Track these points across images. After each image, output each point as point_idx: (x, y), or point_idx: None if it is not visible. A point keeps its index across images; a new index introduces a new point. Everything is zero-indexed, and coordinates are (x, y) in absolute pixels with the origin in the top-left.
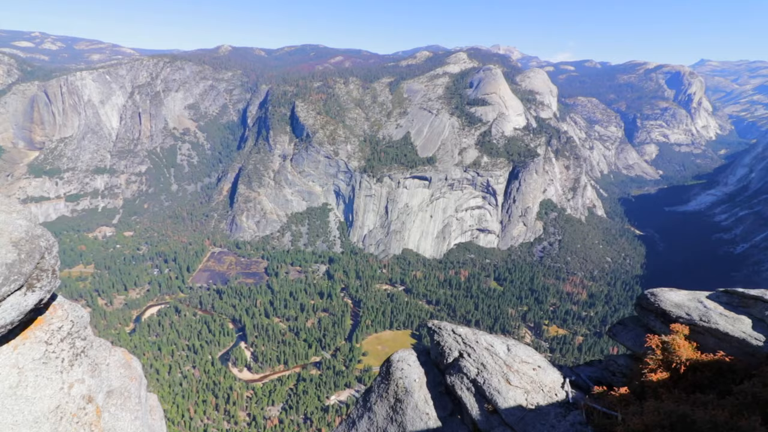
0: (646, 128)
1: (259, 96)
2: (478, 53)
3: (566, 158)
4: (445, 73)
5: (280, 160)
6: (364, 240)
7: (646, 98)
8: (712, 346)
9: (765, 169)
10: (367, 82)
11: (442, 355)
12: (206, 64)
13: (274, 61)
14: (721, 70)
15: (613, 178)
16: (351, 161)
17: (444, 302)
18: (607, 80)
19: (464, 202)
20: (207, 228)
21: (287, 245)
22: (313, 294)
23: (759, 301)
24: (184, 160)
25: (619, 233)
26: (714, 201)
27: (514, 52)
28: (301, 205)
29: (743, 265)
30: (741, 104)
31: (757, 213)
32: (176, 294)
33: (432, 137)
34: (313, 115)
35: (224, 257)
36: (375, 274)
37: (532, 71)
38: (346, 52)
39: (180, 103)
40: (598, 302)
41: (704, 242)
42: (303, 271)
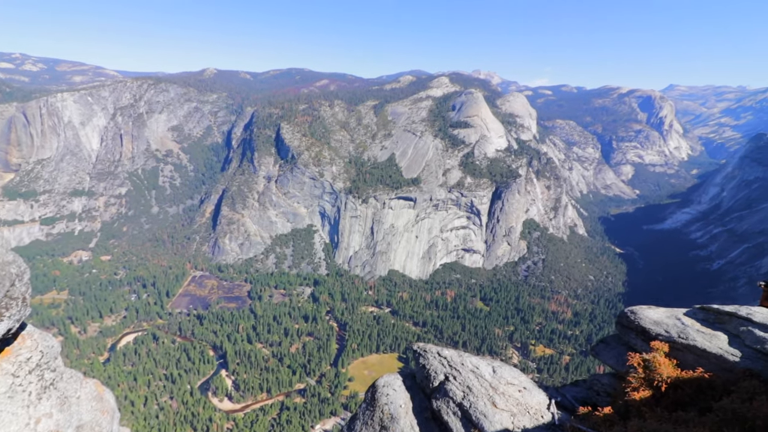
0: (621, 149)
1: (244, 118)
2: (459, 78)
3: (547, 179)
4: (428, 96)
5: (264, 182)
6: (349, 261)
7: (620, 121)
8: (691, 362)
9: (735, 188)
10: (352, 104)
11: (428, 379)
12: (191, 87)
13: (259, 84)
14: (690, 95)
15: (592, 198)
16: (336, 182)
17: (431, 324)
18: (583, 104)
19: (449, 222)
20: (188, 251)
21: (271, 268)
22: (298, 318)
23: (733, 317)
24: (167, 181)
25: (601, 251)
26: (689, 219)
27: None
28: (285, 227)
29: (720, 281)
30: (710, 126)
31: (730, 230)
32: (154, 320)
33: (416, 158)
34: (299, 136)
35: (206, 281)
36: (361, 296)
37: (512, 95)
38: (331, 76)
39: (163, 124)
40: (583, 320)
41: (682, 259)
42: (287, 294)
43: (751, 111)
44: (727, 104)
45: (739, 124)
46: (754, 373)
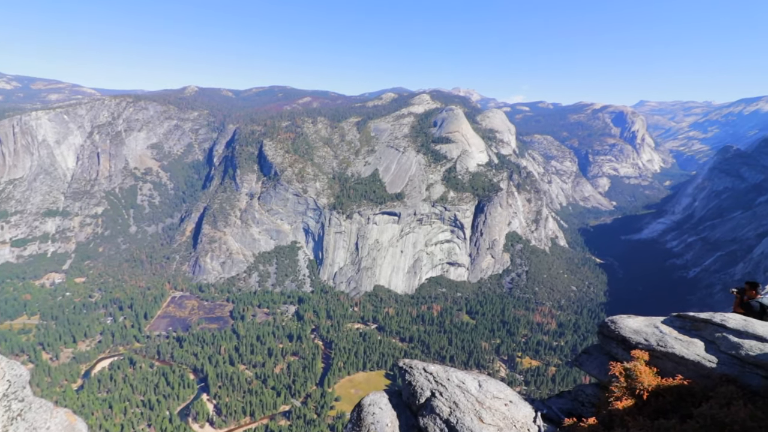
0: (597, 163)
1: (226, 135)
2: (440, 95)
3: (527, 192)
4: (410, 113)
5: (247, 199)
6: (334, 278)
7: (595, 135)
8: (670, 370)
9: (706, 198)
10: (335, 121)
11: (414, 396)
12: (171, 104)
13: (241, 101)
14: (659, 110)
15: (571, 210)
16: (320, 198)
17: (417, 339)
18: (559, 119)
19: (433, 236)
20: (168, 271)
21: (254, 286)
22: (282, 337)
23: (708, 324)
24: (145, 200)
25: (582, 262)
26: (664, 229)
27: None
28: (269, 244)
29: (696, 288)
30: (679, 140)
31: (704, 239)
32: (131, 344)
33: (400, 174)
34: (282, 153)
35: (186, 301)
36: (346, 312)
37: (491, 111)
38: (313, 93)
39: (142, 142)
40: (568, 331)
41: (659, 268)
42: (271, 312)
43: (717, 125)
44: (695, 118)
45: (706, 137)
46: (730, 378)
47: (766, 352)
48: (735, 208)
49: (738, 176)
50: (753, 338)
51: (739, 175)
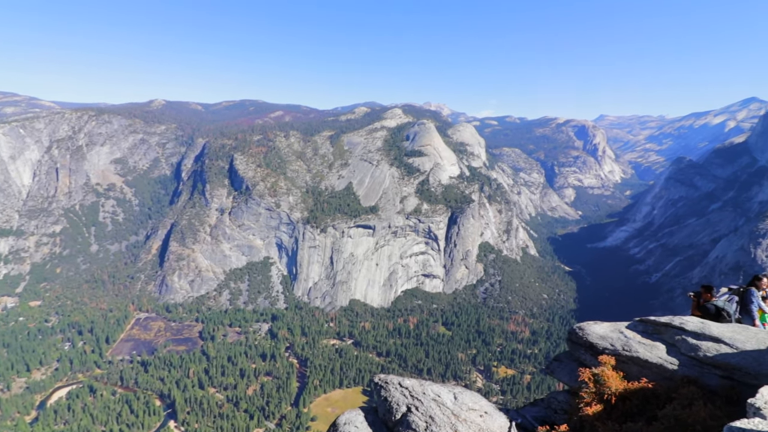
0: (563, 174)
1: (195, 149)
2: (412, 109)
3: (498, 203)
4: (383, 127)
5: (217, 214)
6: (309, 293)
7: (560, 148)
8: (636, 373)
9: (664, 206)
10: (307, 135)
11: (390, 412)
12: (137, 118)
13: (211, 115)
14: (618, 123)
15: (540, 220)
16: (293, 213)
17: (394, 352)
18: (526, 133)
19: (408, 248)
20: (132, 291)
21: (225, 304)
22: (255, 357)
23: (669, 327)
24: (108, 217)
25: (552, 270)
26: (627, 236)
27: (444, 109)
28: (240, 261)
29: (659, 292)
30: (637, 152)
31: (663, 245)
32: (92, 371)
33: (374, 187)
34: (253, 167)
35: (151, 323)
36: (322, 328)
37: (462, 125)
38: (286, 107)
39: (105, 157)
40: (541, 339)
41: (624, 274)
42: (243, 331)
43: (671, 137)
44: (650, 132)
45: (662, 149)
46: (691, 379)
47: (722, 352)
48: (690, 216)
49: (692, 185)
50: (709, 340)
51: (693, 185)
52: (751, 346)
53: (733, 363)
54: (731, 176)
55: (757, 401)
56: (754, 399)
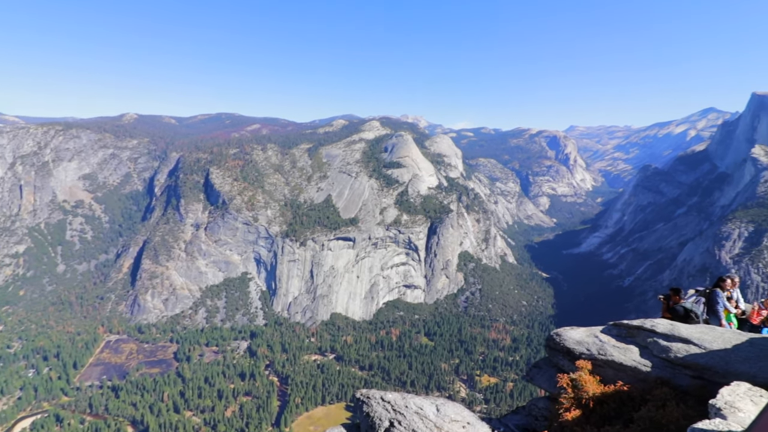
0: (537, 183)
1: (169, 164)
2: (389, 121)
3: (476, 212)
4: (361, 139)
5: (192, 230)
6: (289, 308)
7: (533, 158)
8: (611, 377)
9: (633, 212)
10: (285, 148)
11: (373, 428)
12: (107, 132)
13: (185, 129)
14: (587, 134)
15: (517, 228)
16: (272, 226)
17: (377, 366)
18: (500, 144)
19: (389, 259)
20: (101, 313)
21: (201, 323)
22: (233, 376)
23: (641, 330)
24: (76, 235)
25: (530, 277)
26: (600, 242)
27: (421, 121)
28: (217, 277)
29: (632, 296)
30: (606, 160)
31: (634, 250)
32: (58, 398)
33: (353, 198)
34: (230, 181)
35: (123, 346)
36: (303, 344)
37: (439, 137)
38: (263, 120)
39: (73, 173)
40: (522, 345)
41: (598, 279)
42: (220, 350)
43: (637, 146)
44: (618, 141)
45: (629, 157)
46: (664, 380)
47: (691, 353)
48: (658, 221)
49: (658, 192)
50: (679, 341)
51: (659, 191)
52: (718, 345)
53: (702, 363)
54: (694, 182)
55: (718, 402)
56: (715, 400)
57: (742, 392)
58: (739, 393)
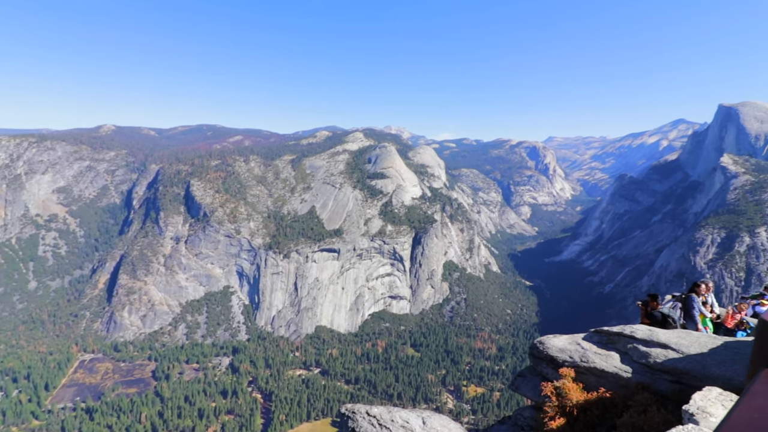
0: (518, 193)
1: (148, 176)
2: (373, 133)
3: (460, 222)
4: (345, 150)
5: (172, 243)
6: (272, 322)
7: (514, 168)
8: (594, 384)
9: (611, 220)
10: (268, 159)
11: None
12: (84, 144)
13: (165, 140)
14: (565, 144)
15: (500, 237)
16: (255, 239)
17: (364, 379)
18: (482, 154)
19: (374, 270)
20: (75, 331)
21: (181, 339)
22: (215, 394)
23: (621, 336)
24: (49, 251)
25: (514, 286)
26: (580, 250)
27: (404, 132)
28: (198, 291)
29: (612, 302)
30: (584, 170)
31: (613, 257)
32: (28, 422)
33: (337, 210)
34: (211, 193)
35: (98, 365)
36: (287, 359)
37: (422, 148)
38: (245, 132)
39: (47, 186)
40: (507, 354)
41: (580, 286)
42: (201, 368)
43: (612, 156)
44: (595, 151)
45: (605, 167)
46: (644, 385)
47: (669, 358)
48: (635, 228)
49: (634, 200)
50: (658, 346)
51: (635, 199)
52: (695, 350)
53: (680, 367)
54: (668, 190)
55: (691, 407)
56: (688, 405)
57: (714, 397)
58: (711, 398)
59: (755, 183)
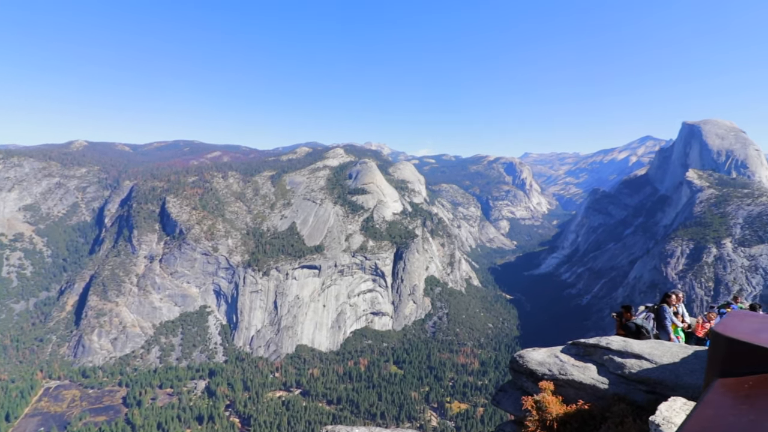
0: (497, 207)
1: (121, 193)
2: (353, 149)
3: (441, 237)
4: (326, 166)
5: (146, 262)
6: (251, 342)
7: (492, 183)
8: (573, 396)
9: (586, 233)
10: (247, 175)
11: None
12: (53, 160)
13: (140, 156)
14: (540, 160)
15: (480, 251)
16: (233, 256)
17: (346, 399)
18: (461, 170)
19: (356, 286)
20: (40, 357)
21: (154, 363)
22: (190, 420)
23: (597, 348)
24: (13, 272)
25: (494, 299)
26: (558, 262)
27: (384, 148)
28: (172, 312)
29: (590, 313)
30: (559, 185)
31: (590, 269)
32: None
33: (318, 226)
34: (188, 210)
35: (64, 392)
36: (266, 380)
37: (402, 164)
38: (224, 148)
39: (13, 204)
40: (490, 369)
41: (559, 298)
42: (176, 392)
43: (586, 171)
44: (569, 167)
45: (579, 182)
46: (621, 396)
47: (644, 368)
48: (609, 241)
49: (607, 213)
50: (632, 357)
51: (608, 213)
52: (668, 359)
53: (654, 377)
54: (639, 204)
55: (657, 418)
56: (654, 416)
57: (678, 407)
58: (676, 408)
59: (719, 196)
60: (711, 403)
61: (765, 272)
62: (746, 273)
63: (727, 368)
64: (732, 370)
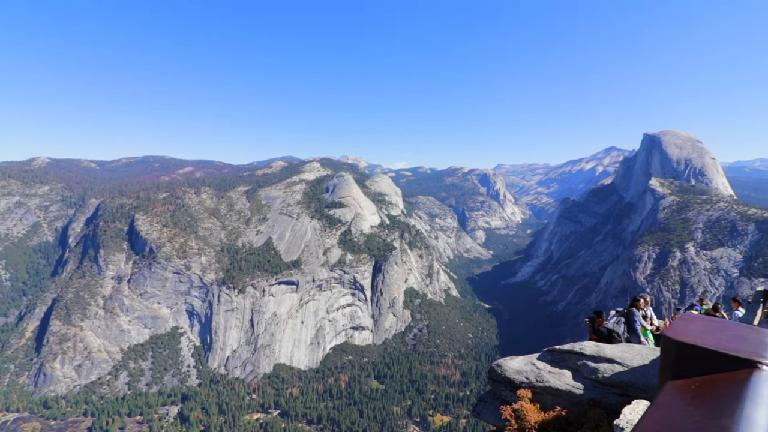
0: (473, 218)
1: (87, 211)
2: (330, 162)
3: (419, 248)
4: (302, 180)
5: (113, 283)
6: (227, 363)
7: (468, 194)
8: (550, 403)
9: (559, 241)
10: (221, 191)
11: None
12: (13, 179)
13: (108, 173)
14: (513, 171)
15: (458, 261)
16: (207, 274)
17: (327, 417)
18: (437, 182)
19: (335, 301)
20: None
21: (122, 390)
22: None
23: (571, 354)
24: None
25: (473, 309)
26: (533, 270)
27: (360, 161)
28: (142, 335)
29: (566, 320)
30: (531, 195)
31: (563, 276)
32: None
33: (295, 240)
34: (159, 228)
35: (23, 426)
36: (243, 402)
37: (378, 177)
38: (196, 163)
39: None
40: (471, 379)
41: (535, 306)
42: (146, 420)
43: (556, 181)
44: (540, 177)
45: (550, 191)
46: (595, 401)
47: (616, 371)
48: (580, 248)
49: (578, 221)
50: (605, 361)
51: (578, 221)
52: (638, 362)
53: (626, 380)
54: (607, 212)
55: (621, 422)
56: (618, 420)
57: (641, 409)
58: (639, 411)
59: (681, 203)
60: (661, 405)
61: (726, 274)
62: (709, 275)
63: (678, 370)
64: (682, 372)
